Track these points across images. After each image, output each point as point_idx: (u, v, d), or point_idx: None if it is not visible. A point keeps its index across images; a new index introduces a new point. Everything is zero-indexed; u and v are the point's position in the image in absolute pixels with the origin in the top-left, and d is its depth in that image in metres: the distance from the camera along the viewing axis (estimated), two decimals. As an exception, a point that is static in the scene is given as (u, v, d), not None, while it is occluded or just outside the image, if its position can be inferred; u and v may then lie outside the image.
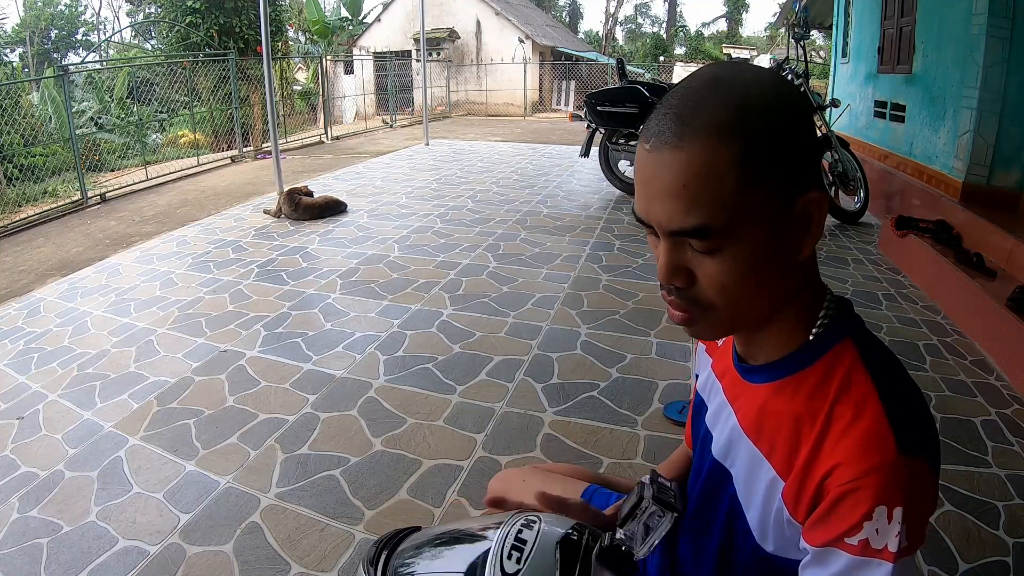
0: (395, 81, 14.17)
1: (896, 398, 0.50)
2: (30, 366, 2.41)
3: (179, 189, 6.16)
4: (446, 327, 2.64)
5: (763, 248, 0.51)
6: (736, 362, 0.64)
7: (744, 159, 0.48)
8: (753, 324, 0.57)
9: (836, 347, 0.54)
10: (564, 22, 30.72)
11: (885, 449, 0.47)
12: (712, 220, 0.49)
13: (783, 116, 0.50)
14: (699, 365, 0.78)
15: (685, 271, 0.53)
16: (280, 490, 1.65)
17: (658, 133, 0.50)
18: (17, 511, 1.59)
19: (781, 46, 17.33)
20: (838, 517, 0.48)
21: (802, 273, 0.56)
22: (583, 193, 5.47)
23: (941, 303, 2.91)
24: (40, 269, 3.72)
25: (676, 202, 0.49)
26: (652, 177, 0.51)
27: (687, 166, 0.48)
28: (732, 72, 0.52)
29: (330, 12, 21.30)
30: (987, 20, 3.27)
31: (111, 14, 33.25)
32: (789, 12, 8.15)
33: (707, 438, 0.68)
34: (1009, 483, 1.65)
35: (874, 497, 0.46)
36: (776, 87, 0.51)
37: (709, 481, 0.66)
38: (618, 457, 1.77)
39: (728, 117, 0.48)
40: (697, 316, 0.55)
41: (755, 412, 0.59)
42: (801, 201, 0.51)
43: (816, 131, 0.54)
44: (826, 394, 0.52)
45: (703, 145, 0.48)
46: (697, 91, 0.50)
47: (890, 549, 0.46)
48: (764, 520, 0.57)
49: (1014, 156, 3.40)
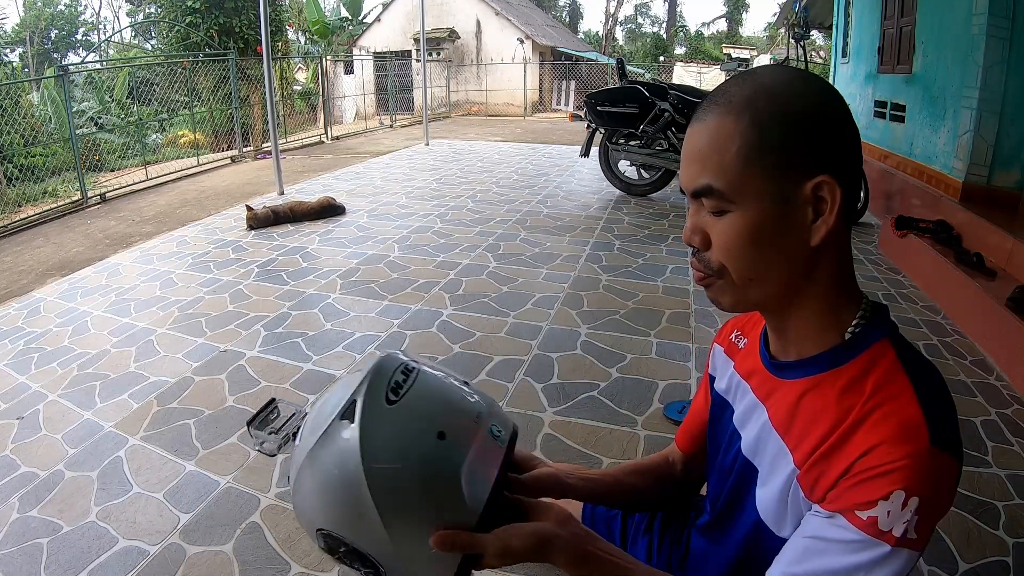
0: (395, 81, 14.16)
1: (932, 396, 0.52)
2: (30, 366, 2.41)
3: (179, 189, 6.16)
4: (446, 327, 2.64)
5: (764, 220, 0.55)
6: (766, 360, 0.66)
7: (748, 132, 0.54)
8: (764, 301, 0.60)
9: (875, 346, 0.56)
10: (564, 22, 30.70)
11: (919, 439, 0.49)
12: (717, 181, 0.55)
13: (796, 103, 0.54)
14: (717, 368, 0.78)
15: (702, 232, 0.59)
16: (280, 490, 1.65)
17: (697, 112, 0.59)
18: (17, 511, 1.59)
19: (781, 46, 17.32)
20: (858, 492, 0.49)
21: (822, 265, 0.57)
22: (583, 193, 5.47)
23: (941, 303, 2.91)
24: (40, 269, 3.72)
25: (695, 164, 0.57)
26: (685, 146, 0.59)
27: (704, 133, 0.56)
28: (765, 68, 0.58)
29: (330, 12, 21.30)
30: (987, 20, 3.27)
31: (111, 14, 33.30)
32: (789, 12, 8.15)
33: (734, 438, 0.69)
34: (1009, 483, 1.65)
35: (897, 481, 0.47)
36: (799, 80, 0.55)
37: (739, 480, 0.68)
38: (618, 457, 1.77)
39: (742, 96, 0.55)
40: (712, 279, 0.60)
41: (788, 408, 0.60)
42: (809, 184, 0.53)
43: (854, 126, 0.56)
44: (863, 389, 0.54)
45: (718, 117, 0.56)
46: (731, 82, 0.58)
47: (894, 534, 0.47)
48: (780, 508, 0.59)
49: (1014, 156, 3.40)
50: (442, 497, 0.53)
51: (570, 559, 0.56)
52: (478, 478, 0.55)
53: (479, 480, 0.55)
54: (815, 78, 0.57)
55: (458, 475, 0.54)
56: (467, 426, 0.57)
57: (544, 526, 0.57)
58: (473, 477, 0.54)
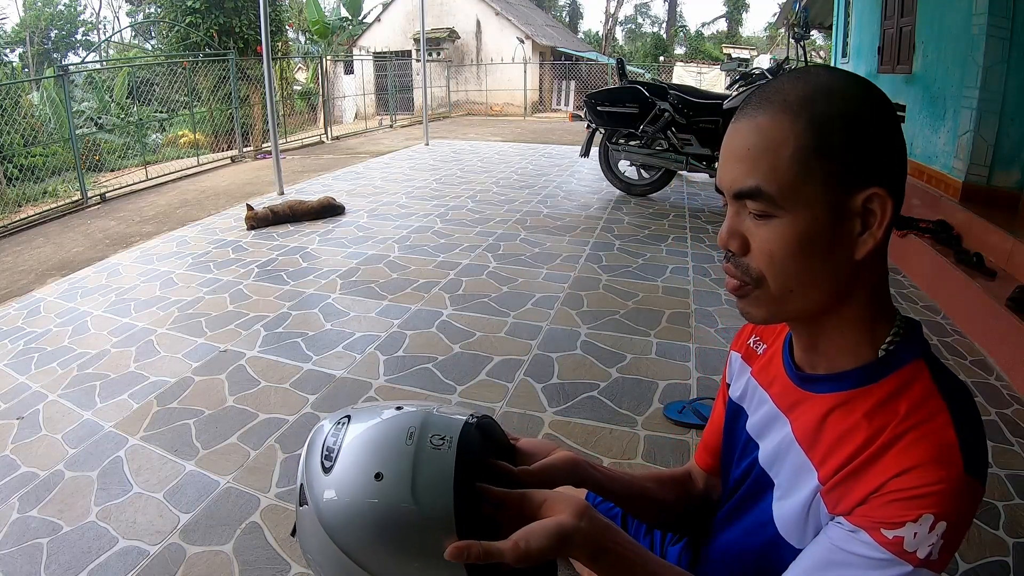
0: (395, 81, 14.16)
1: (966, 421, 0.51)
2: (30, 366, 2.41)
3: (179, 189, 6.16)
4: (446, 327, 2.64)
5: (814, 229, 0.52)
6: (791, 371, 0.63)
7: (805, 134, 0.51)
8: (801, 314, 0.57)
9: (909, 366, 0.55)
10: (564, 22, 30.70)
11: (953, 465, 0.48)
12: (767, 184, 0.52)
13: (855, 107, 0.52)
14: (734, 375, 0.76)
15: (740, 237, 0.56)
16: (280, 490, 1.65)
17: (742, 108, 0.55)
18: (17, 511, 1.59)
19: (781, 46, 17.33)
20: (887, 511, 0.49)
21: (862, 278, 0.55)
22: (583, 193, 5.47)
23: (941, 303, 2.91)
24: (40, 269, 3.73)
25: (740, 164, 0.54)
26: (728, 144, 0.56)
27: (755, 132, 0.53)
28: (819, 68, 0.56)
29: (330, 12, 21.30)
30: (987, 20, 3.27)
31: (111, 14, 33.28)
32: (789, 12, 8.15)
33: (749, 446, 0.67)
34: (1009, 483, 1.65)
35: (930, 506, 0.47)
36: (857, 84, 0.53)
37: (752, 488, 0.66)
38: (618, 457, 1.77)
39: (799, 96, 0.52)
40: (748, 288, 0.57)
41: (814, 422, 0.58)
42: (861, 195, 0.52)
43: (903, 137, 0.54)
44: (896, 409, 0.53)
45: (771, 116, 0.53)
46: (783, 79, 0.55)
47: (918, 556, 0.47)
48: (800, 522, 0.58)
49: (1014, 156, 3.40)
50: (404, 527, 0.53)
51: (589, 553, 0.54)
52: (433, 492, 0.53)
53: (436, 494, 0.53)
54: (869, 83, 0.55)
55: (408, 501, 0.53)
56: (400, 452, 0.55)
57: (563, 522, 0.53)
58: (426, 493, 0.53)
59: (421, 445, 0.55)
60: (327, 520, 0.54)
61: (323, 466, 0.56)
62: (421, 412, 0.59)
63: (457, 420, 0.58)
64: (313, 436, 0.60)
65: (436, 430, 0.56)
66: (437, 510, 0.52)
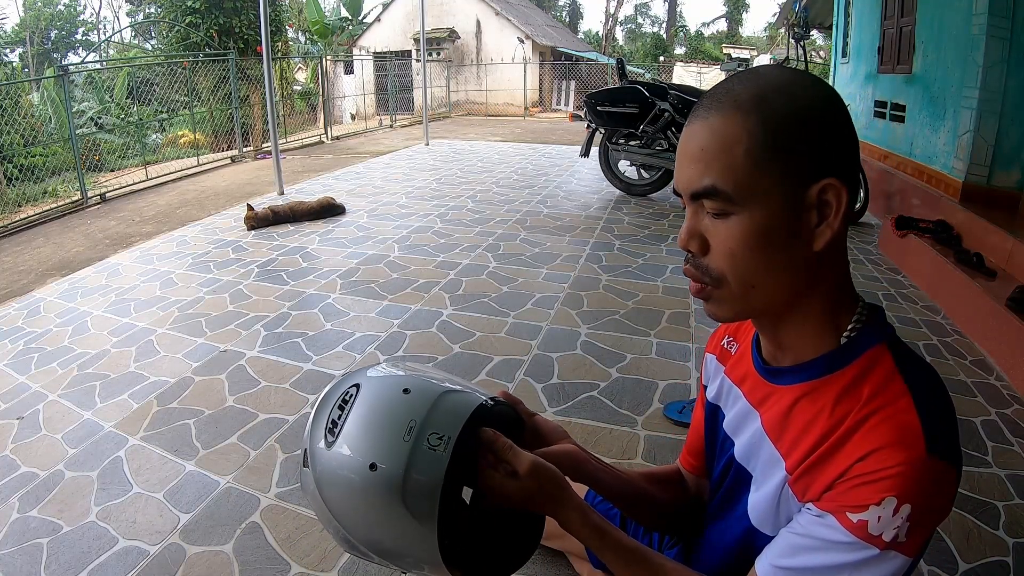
0: (395, 81, 14.17)
1: (929, 402, 0.51)
2: (30, 366, 2.41)
3: (179, 189, 6.16)
4: (446, 327, 2.64)
5: (772, 224, 0.53)
6: (759, 365, 0.64)
7: (758, 131, 0.52)
8: (765, 309, 0.58)
9: (871, 351, 0.55)
10: (564, 22, 30.70)
11: (914, 447, 0.48)
12: (723, 182, 0.53)
13: (805, 102, 0.53)
14: (710, 376, 0.77)
15: (700, 237, 0.57)
16: (280, 490, 1.65)
17: (695, 110, 0.57)
18: (17, 511, 1.59)
19: (781, 46, 17.32)
20: (851, 495, 0.49)
21: (823, 269, 0.56)
22: (583, 193, 5.47)
23: (941, 303, 2.91)
24: (40, 269, 3.72)
25: (695, 164, 0.55)
26: (682, 146, 0.57)
27: (707, 132, 0.54)
28: (769, 68, 0.57)
29: (330, 12, 21.30)
30: (987, 20, 3.27)
31: (111, 14, 33.29)
32: (789, 12, 8.15)
33: (726, 444, 0.69)
34: (1009, 483, 1.65)
35: (890, 488, 0.47)
36: (805, 80, 0.54)
37: (733, 484, 0.68)
38: (618, 457, 1.77)
39: (749, 95, 0.53)
40: (709, 289, 0.58)
41: (780, 414, 0.60)
42: (816, 187, 0.52)
43: (853, 128, 0.55)
44: (859, 395, 0.53)
45: (723, 115, 0.53)
46: (733, 80, 0.56)
47: (884, 538, 0.47)
48: (771, 513, 0.59)
49: (1014, 156, 3.40)
50: (392, 518, 0.56)
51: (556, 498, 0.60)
52: (420, 497, 0.55)
53: (423, 497, 0.55)
54: (818, 79, 0.56)
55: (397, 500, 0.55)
56: (397, 448, 0.56)
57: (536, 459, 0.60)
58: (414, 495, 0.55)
59: (418, 444, 0.56)
60: (325, 492, 0.59)
61: (326, 439, 0.59)
62: (427, 401, 0.59)
63: (462, 411, 0.59)
64: (325, 397, 0.63)
65: (436, 427, 0.57)
66: (423, 512, 0.55)
